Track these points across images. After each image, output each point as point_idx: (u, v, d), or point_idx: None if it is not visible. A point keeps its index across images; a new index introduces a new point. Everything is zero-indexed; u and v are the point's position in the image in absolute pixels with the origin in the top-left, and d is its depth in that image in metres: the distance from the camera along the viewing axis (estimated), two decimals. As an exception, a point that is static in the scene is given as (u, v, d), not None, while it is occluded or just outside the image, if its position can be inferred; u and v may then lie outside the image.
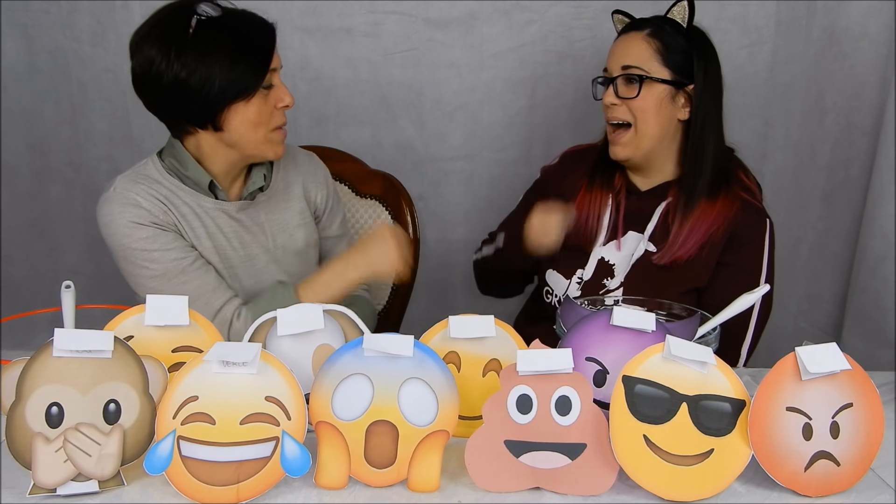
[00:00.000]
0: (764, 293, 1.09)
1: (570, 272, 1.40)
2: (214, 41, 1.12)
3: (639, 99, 1.30)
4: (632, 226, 1.38)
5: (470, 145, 1.83)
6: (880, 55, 1.67)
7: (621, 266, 1.37)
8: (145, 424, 0.89)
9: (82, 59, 1.74)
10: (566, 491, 0.89)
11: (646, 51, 1.30)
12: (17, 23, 1.71)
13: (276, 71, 1.20)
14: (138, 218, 1.19)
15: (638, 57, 1.30)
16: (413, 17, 1.74)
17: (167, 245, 1.21)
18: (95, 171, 1.81)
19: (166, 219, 1.22)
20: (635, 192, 1.40)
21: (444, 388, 0.92)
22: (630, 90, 1.30)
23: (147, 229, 1.20)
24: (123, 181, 1.23)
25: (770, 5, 1.70)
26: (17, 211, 1.83)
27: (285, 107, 1.21)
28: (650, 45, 1.30)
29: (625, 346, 0.99)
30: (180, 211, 1.24)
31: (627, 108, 1.31)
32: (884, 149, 1.66)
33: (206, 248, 1.27)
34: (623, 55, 1.31)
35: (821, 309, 1.87)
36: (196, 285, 1.22)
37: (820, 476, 0.90)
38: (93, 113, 1.78)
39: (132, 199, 1.20)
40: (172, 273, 1.21)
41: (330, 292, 1.24)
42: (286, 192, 1.36)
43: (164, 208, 1.22)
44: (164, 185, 1.24)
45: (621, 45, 1.33)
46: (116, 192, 1.21)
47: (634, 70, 1.29)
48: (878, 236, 1.67)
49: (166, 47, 1.11)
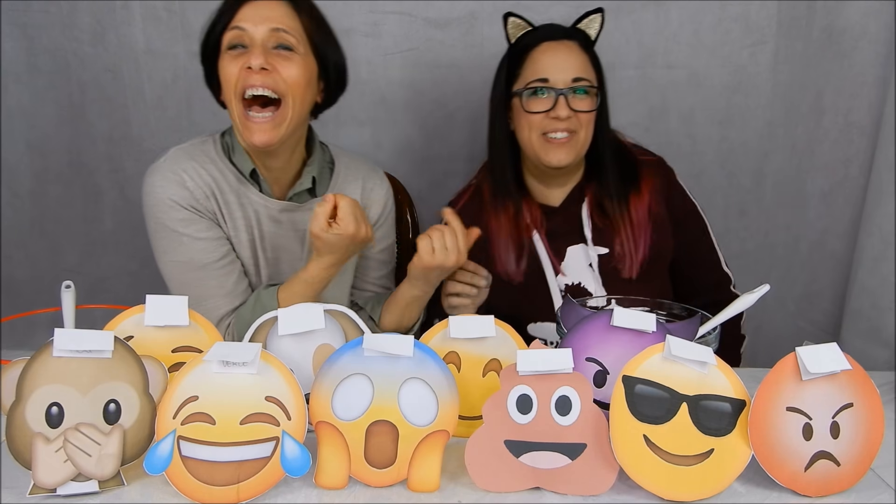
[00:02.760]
0: (765, 292, 1.10)
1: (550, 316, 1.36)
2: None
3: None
4: (567, 241, 1.36)
5: (470, 145, 1.83)
6: (880, 55, 1.67)
7: (591, 281, 1.35)
8: (145, 424, 0.89)
9: (82, 59, 1.74)
10: (566, 491, 0.89)
11: (586, 62, 1.30)
12: (17, 23, 1.71)
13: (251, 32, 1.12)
14: (179, 198, 1.17)
15: (583, 68, 1.29)
16: (413, 17, 1.74)
17: (199, 233, 1.19)
18: (95, 172, 1.81)
19: (207, 205, 1.19)
20: (551, 210, 1.38)
21: (444, 388, 0.92)
22: (583, 103, 1.29)
23: (184, 211, 1.17)
24: (177, 153, 1.20)
25: (772, 5, 1.70)
26: (18, 211, 1.83)
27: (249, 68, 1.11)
28: (586, 57, 1.31)
29: (625, 347, 0.99)
30: (225, 198, 1.21)
31: (577, 119, 1.29)
32: (883, 148, 1.66)
33: (242, 241, 1.24)
34: (570, 66, 1.28)
35: (820, 308, 1.87)
36: (212, 285, 1.21)
37: (820, 476, 0.90)
38: (93, 113, 1.78)
39: (178, 177, 1.18)
40: (194, 265, 1.19)
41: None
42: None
43: (208, 192, 1.19)
44: (216, 167, 1.21)
45: (562, 55, 1.29)
46: (166, 164, 1.19)
47: (584, 82, 1.28)
48: (877, 235, 1.67)
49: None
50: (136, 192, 1.79)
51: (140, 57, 1.74)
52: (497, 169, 1.38)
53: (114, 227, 1.85)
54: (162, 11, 1.71)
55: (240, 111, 1.14)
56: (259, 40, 1.12)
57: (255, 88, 1.12)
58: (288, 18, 1.14)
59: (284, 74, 1.13)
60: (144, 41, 1.73)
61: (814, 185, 1.81)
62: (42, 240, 1.85)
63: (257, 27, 1.12)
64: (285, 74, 1.13)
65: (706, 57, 1.74)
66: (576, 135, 1.30)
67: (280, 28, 1.13)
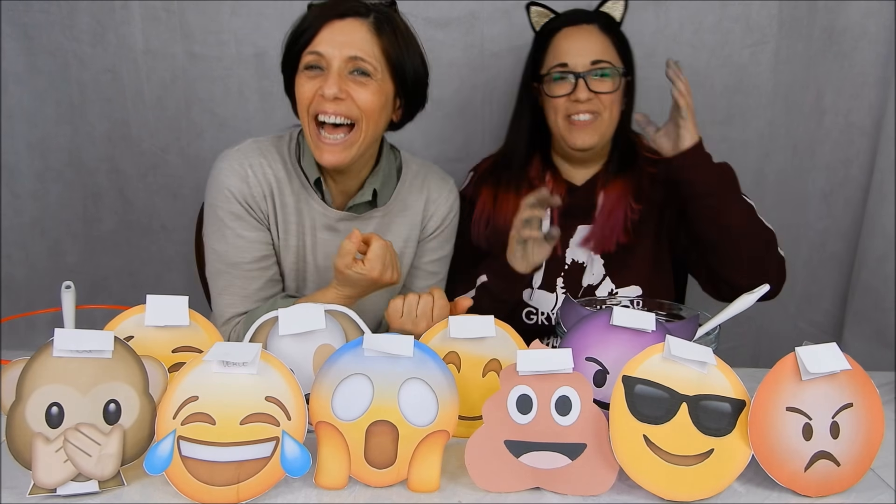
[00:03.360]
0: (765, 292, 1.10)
1: (551, 285, 1.38)
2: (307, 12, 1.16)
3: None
4: (578, 220, 1.39)
5: (470, 145, 1.83)
6: (880, 55, 1.67)
7: (588, 260, 1.38)
8: (145, 424, 0.89)
9: (82, 59, 1.74)
10: (566, 491, 0.89)
11: (607, 44, 1.33)
12: (17, 23, 1.71)
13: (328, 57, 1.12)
14: (237, 191, 1.19)
15: (603, 51, 1.31)
16: (413, 17, 1.72)
17: (243, 230, 1.20)
18: (95, 172, 1.81)
19: (262, 205, 1.21)
20: (573, 188, 1.41)
21: (444, 388, 0.92)
22: (604, 84, 1.31)
23: (237, 205, 1.19)
24: (252, 145, 1.22)
25: (772, 5, 1.70)
26: (18, 211, 1.82)
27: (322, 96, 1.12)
28: (608, 39, 1.33)
29: (625, 346, 0.99)
30: (283, 200, 1.22)
31: (599, 100, 1.31)
32: (884, 148, 1.66)
33: (290, 246, 1.25)
34: (589, 49, 1.31)
35: (820, 309, 1.87)
36: (236, 284, 1.22)
37: (820, 476, 0.90)
38: (92, 113, 1.77)
39: (244, 171, 1.20)
40: (227, 259, 1.21)
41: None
42: (401, 214, 1.29)
43: (266, 192, 1.21)
44: (284, 168, 1.22)
45: (583, 39, 1.32)
46: (239, 153, 1.21)
47: (604, 65, 1.30)
48: (880, 236, 1.67)
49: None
50: (136, 192, 1.82)
51: (139, 57, 1.73)
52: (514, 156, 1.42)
53: (114, 227, 1.85)
54: (161, 12, 1.71)
55: (312, 130, 1.15)
56: (336, 67, 1.12)
57: (327, 115, 1.13)
58: (367, 43, 1.14)
59: (359, 101, 1.13)
60: (144, 41, 1.73)
61: (814, 185, 1.81)
62: (42, 240, 1.85)
63: (334, 54, 1.12)
64: (360, 101, 1.13)
65: (707, 57, 1.73)
66: (599, 116, 1.32)
67: (357, 56, 1.13)
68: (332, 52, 1.12)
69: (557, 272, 1.38)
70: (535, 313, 1.39)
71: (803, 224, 1.84)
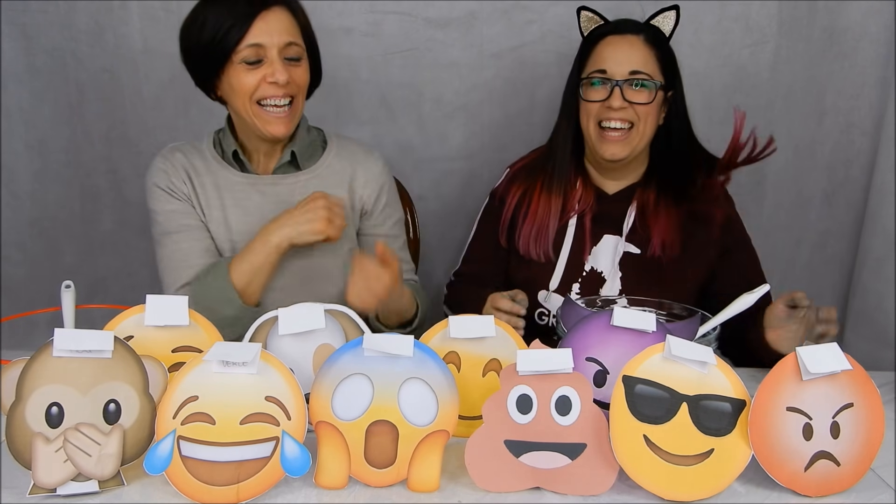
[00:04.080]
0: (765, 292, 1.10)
1: (567, 289, 1.39)
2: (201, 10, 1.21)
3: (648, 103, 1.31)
4: (605, 229, 1.39)
5: (470, 145, 1.83)
6: (880, 55, 1.67)
7: (610, 272, 1.37)
8: (145, 424, 0.89)
9: (80, 59, 1.73)
10: (566, 491, 0.89)
11: (649, 56, 1.32)
12: (16, 23, 1.71)
13: (267, 46, 1.20)
14: (159, 181, 1.32)
15: (643, 62, 1.31)
16: (413, 17, 1.74)
17: (167, 205, 1.32)
18: (94, 172, 1.81)
19: (182, 187, 1.32)
20: (604, 196, 1.41)
21: (444, 388, 0.92)
22: (640, 95, 1.31)
23: (160, 192, 1.32)
24: (172, 147, 1.36)
25: (772, 5, 1.70)
26: (16, 211, 1.82)
27: (275, 83, 1.21)
28: (651, 51, 1.32)
29: (625, 347, 0.99)
30: (201, 180, 1.33)
31: (633, 110, 1.31)
32: (885, 149, 1.66)
33: (216, 219, 1.33)
34: (629, 59, 1.31)
35: (821, 309, 1.87)
36: (184, 247, 1.31)
37: (820, 476, 0.90)
38: (91, 113, 1.77)
39: (162, 165, 1.33)
40: (169, 228, 1.31)
41: (255, 258, 1.24)
42: (330, 178, 1.37)
43: (184, 177, 1.32)
44: (199, 156, 1.34)
45: (625, 49, 1.32)
46: (160, 156, 1.35)
47: (643, 76, 1.30)
48: (881, 236, 1.67)
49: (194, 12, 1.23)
50: (135, 191, 1.82)
51: (138, 57, 1.73)
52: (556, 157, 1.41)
53: (112, 227, 1.85)
54: (160, 11, 1.71)
55: (255, 111, 1.25)
56: (276, 56, 1.21)
57: (276, 99, 1.23)
58: (294, 28, 1.24)
59: (297, 80, 1.25)
60: (142, 41, 1.73)
61: (815, 185, 1.81)
62: (41, 240, 1.85)
63: (273, 42, 1.20)
64: (297, 80, 1.25)
65: (706, 57, 1.73)
66: (633, 128, 1.32)
67: (292, 42, 1.23)
68: (271, 42, 1.20)
69: (575, 278, 1.38)
70: (546, 315, 1.40)
71: (804, 224, 1.84)
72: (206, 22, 1.20)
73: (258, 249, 1.24)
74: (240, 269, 1.23)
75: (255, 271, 1.24)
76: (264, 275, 1.25)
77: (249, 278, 1.23)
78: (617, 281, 1.36)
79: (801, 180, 1.81)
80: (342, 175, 1.38)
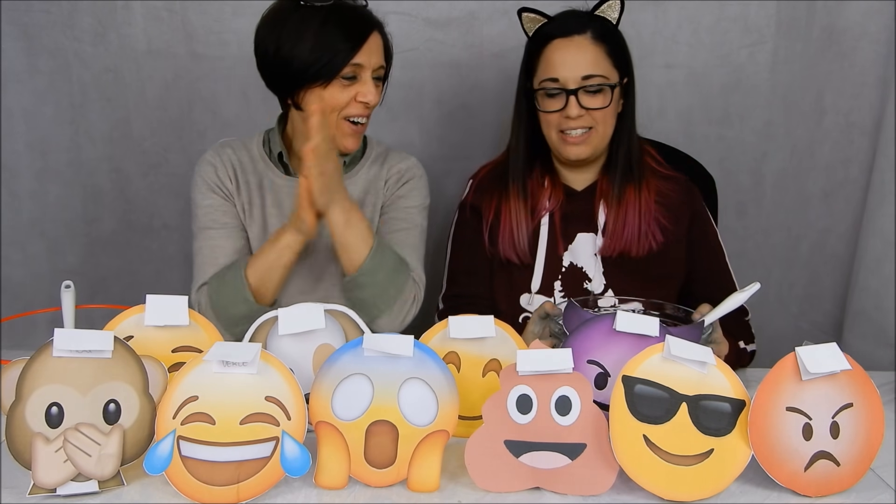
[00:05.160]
0: (755, 290, 1.09)
1: (549, 288, 1.37)
2: (307, 25, 1.21)
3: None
4: (579, 227, 1.38)
5: (470, 145, 1.83)
6: (880, 55, 1.67)
7: (592, 268, 1.36)
8: (145, 424, 0.89)
9: (83, 59, 1.73)
10: (566, 491, 0.89)
11: (600, 56, 1.28)
12: (18, 23, 1.71)
13: (365, 67, 1.24)
14: (205, 175, 1.35)
15: (595, 65, 1.27)
16: (413, 17, 1.74)
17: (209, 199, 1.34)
18: (96, 171, 1.81)
19: (227, 183, 1.35)
20: (572, 193, 1.41)
21: (444, 388, 0.92)
22: (595, 100, 1.28)
23: (205, 185, 1.35)
24: (223, 142, 1.40)
25: (770, 5, 1.70)
26: (17, 211, 1.82)
27: (366, 103, 1.25)
28: (601, 50, 1.28)
29: (627, 350, 0.99)
30: (246, 178, 1.36)
31: (591, 116, 1.29)
32: (884, 148, 1.65)
33: (255, 218, 1.36)
34: (579, 64, 1.27)
35: (821, 309, 1.87)
36: (215, 245, 1.33)
37: (820, 476, 0.90)
38: (93, 113, 1.77)
39: (211, 159, 1.37)
40: (206, 223, 1.34)
41: (267, 257, 1.25)
42: (365, 184, 1.39)
43: (231, 174, 1.36)
44: (248, 154, 1.38)
45: (573, 53, 1.28)
46: (211, 149, 1.39)
47: (597, 79, 1.27)
48: (879, 236, 1.67)
49: (271, 23, 1.25)
50: (137, 192, 1.82)
51: (141, 57, 1.73)
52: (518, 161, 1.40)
53: (115, 227, 1.85)
54: (163, 12, 1.71)
55: (339, 124, 1.28)
56: (370, 77, 1.25)
57: (359, 118, 1.28)
58: (382, 52, 1.29)
59: (377, 100, 1.29)
60: (145, 41, 1.73)
61: (814, 185, 1.81)
62: (42, 240, 1.85)
63: (370, 63, 1.24)
64: (375, 102, 1.28)
65: (705, 57, 1.73)
66: (593, 131, 1.31)
67: (381, 65, 1.28)
68: (369, 63, 1.24)
69: (555, 276, 1.37)
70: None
71: (803, 224, 1.84)
72: (311, 41, 1.20)
73: (269, 249, 1.25)
74: (254, 267, 1.25)
75: (267, 270, 1.25)
76: (277, 274, 1.25)
77: (262, 277, 1.24)
78: (600, 276, 1.36)
79: (799, 180, 1.81)
80: (376, 181, 1.40)
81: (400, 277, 1.28)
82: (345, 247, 1.24)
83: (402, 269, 1.29)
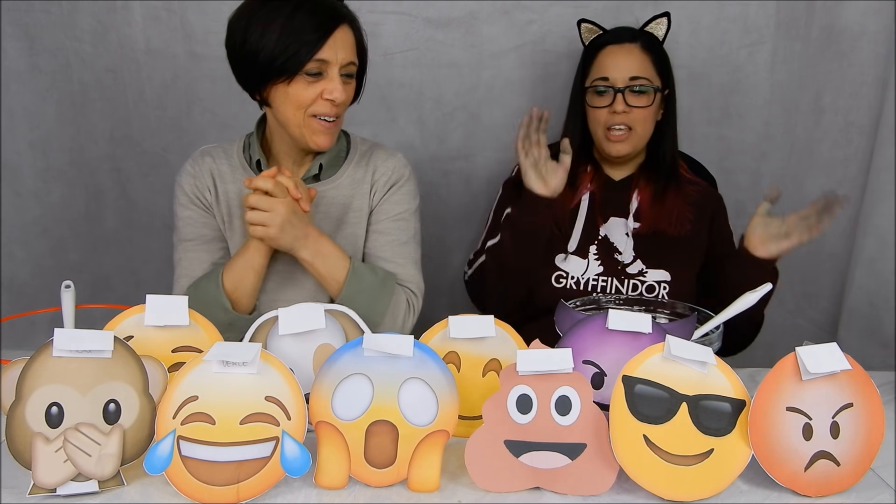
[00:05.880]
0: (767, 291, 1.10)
1: (584, 251, 1.46)
2: (275, 16, 1.17)
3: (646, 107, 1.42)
4: (613, 212, 1.49)
5: (470, 145, 1.83)
6: (879, 55, 1.67)
7: (622, 244, 1.46)
8: (145, 424, 0.89)
9: (83, 58, 1.74)
10: (566, 491, 0.89)
11: (647, 63, 1.43)
12: (18, 23, 1.71)
13: (331, 63, 1.20)
14: (185, 186, 1.34)
15: (642, 68, 1.42)
16: (413, 17, 1.74)
17: (189, 212, 1.33)
18: (97, 171, 1.81)
19: (206, 195, 1.33)
20: (610, 182, 1.53)
21: (444, 388, 0.92)
22: (640, 100, 1.42)
23: (185, 198, 1.33)
24: (203, 150, 1.37)
25: (770, 5, 1.70)
26: (19, 210, 1.83)
27: (332, 101, 1.22)
28: (648, 58, 1.44)
29: (622, 348, 1.00)
30: (226, 188, 1.33)
31: (634, 114, 1.42)
32: (881, 148, 1.66)
33: (235, 228, 1.34)
34: (628, 67, 1.42)
35: (819, 307, 1.87)
36: (192, 257, 1.32)
37: (820, 476, 0.91)
38: (94, 113, 1.77)
39: (191, 169, 1.35)
40: (184, 235, 1.33)
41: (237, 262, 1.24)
42: (350, 187, 1.35)
43: (209, 185, 1.33)
44: (228, 162, 1.35)
45: (623, 57, 1.43)
46: (191, 158, 1.37)
47: (642, 81, 1.41)
48: (875, 235, 1.67)
49: (241, 14, 1.21)
50: (138, 191, 1.82)
51: (140, 57, 1.73)
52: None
53: (115, 227, 1.85)
54: (162, 11, 1.71)
55: (307, 121, 1.25)
56: (337, 73, 1.22)
57: (327, 116, 1.24)
58: (354, 46, 1.25)
59: (347, 97, 1.26)
60: (145, 41, 1.73)
61: (813, 184, 1.81)
62: (44, 239, 1.85)
63: (337, 59, 1.21)
64: (348, 97, 1.26)
65: (704, 56, 1.73)
66: (632, 131, 1.43)
67: (351, 61, 1.24)
68: (335, 59, 1.21)
69: (591, 240, 1.46)
70: (564, 277, 1.44)
71: (802, 223, 1.84)
72: (277, 32, 1.17)
73: (240, 253, 1.25)
74: (228, 274, 1.24)
75: (240, 275, 1.23)
76: (249, 280, 1.24)
77: (236, 284, 1.23)
78: (630, 251, 1.45)
79: (798, 179, 1.81)
80: (362, 183, 1.36)
81: (385, 292, 1.28)
82: (321, 277, 1.25)
83: (387, 283, 1.29)
